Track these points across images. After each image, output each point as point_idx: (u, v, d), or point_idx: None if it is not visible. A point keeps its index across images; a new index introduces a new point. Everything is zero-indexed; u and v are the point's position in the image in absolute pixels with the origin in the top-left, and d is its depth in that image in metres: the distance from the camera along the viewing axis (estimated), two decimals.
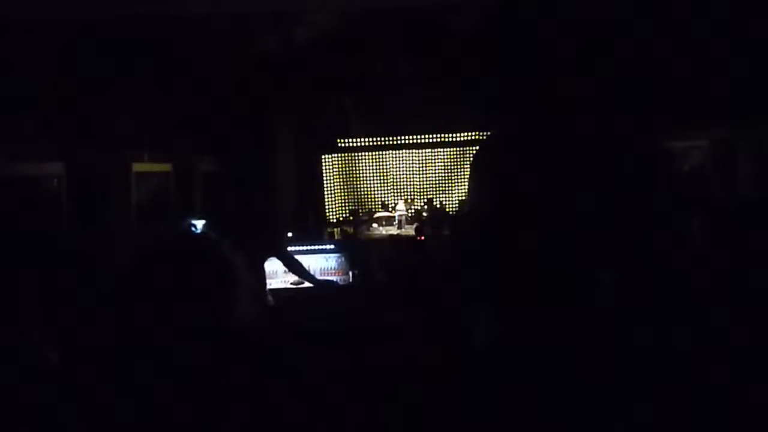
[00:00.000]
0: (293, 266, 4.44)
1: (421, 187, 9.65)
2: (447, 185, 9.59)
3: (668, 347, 1.08)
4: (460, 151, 9.46)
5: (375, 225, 8.65)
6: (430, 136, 9.46)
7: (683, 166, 6.03)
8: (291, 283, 4.79)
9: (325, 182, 9.41)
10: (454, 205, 9.26)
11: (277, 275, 4.79)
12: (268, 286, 4.60)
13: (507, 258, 1.06)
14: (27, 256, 3.47)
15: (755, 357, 1.13)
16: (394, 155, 9.62)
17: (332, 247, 5.14)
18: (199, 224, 5.07)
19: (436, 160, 9.60)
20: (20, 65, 3.77)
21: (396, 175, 9.67)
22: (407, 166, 9.66)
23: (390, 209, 9.15)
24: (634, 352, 1.05)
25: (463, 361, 1.18)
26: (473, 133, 9.17)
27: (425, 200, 9.38)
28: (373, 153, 9.59)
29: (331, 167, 9.50)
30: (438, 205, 9.13)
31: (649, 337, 1.07)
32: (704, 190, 5.85)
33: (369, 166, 9.64)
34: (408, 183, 9.68)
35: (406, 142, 9.54)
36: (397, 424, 2.66)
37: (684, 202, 1.32)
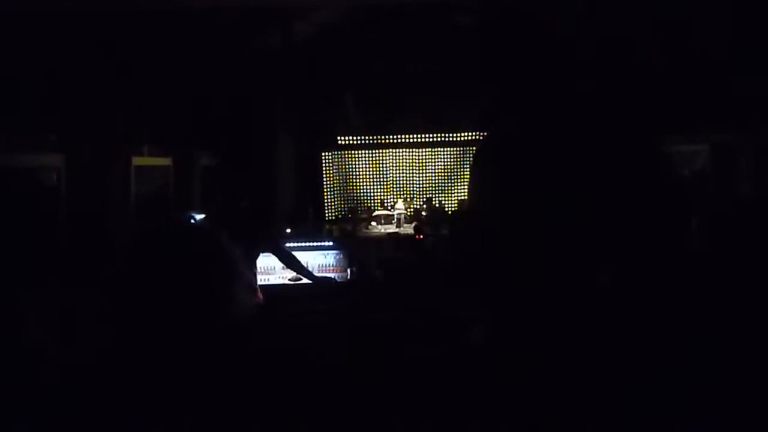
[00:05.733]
0: (291, 262, 4.43)
1: (421, 186, 9.65)
2: (446, 185, 9.58)
3: (663, 345, 1.08)
4: (460, 151, 9.45)
5: (374, 223, 8.64)
6: (430, 135, 9.46)
7: (684, 169, 6.04)
8: (289, 279, 4.79)
9: (324, 179, 9.40)
10: (453, 205, 9.26)
11: (274, 271, 4.79)
12: (267, 282, 4.61)
13: (505, 256, 1.07)
14: (26, 247, 3.47)
15: (755, 355, 1.13)
16: (393, 154, 9.62)
17: (331, 244, 5.14)
18: (198, 218, 5.06)
19: (436, 160, 9.59)
20: (21, 58, 3.77)
21: (395, 173, 9.66)
22: (407, 165, 9.65)
23: (389, 208, 9.15)
24: (631, 349, 1.05)
25: (461, 360, 1.18)
26: (473, 133, 9.17)
27: (424, 199, 9.37)
28: (373, 151, 9.58)
29: (330, 165, 9.49)
30: (437, 205, 9.13)
31: (646, 335, 1.07)
32: (705, 193, 5.85)
33: (368, 164, 9.62)
34: (407, 182, 9.67)
35: (406, 141, 9.54)
36: (393, 421, 2.66)
37: (684, 205, 1.32)
